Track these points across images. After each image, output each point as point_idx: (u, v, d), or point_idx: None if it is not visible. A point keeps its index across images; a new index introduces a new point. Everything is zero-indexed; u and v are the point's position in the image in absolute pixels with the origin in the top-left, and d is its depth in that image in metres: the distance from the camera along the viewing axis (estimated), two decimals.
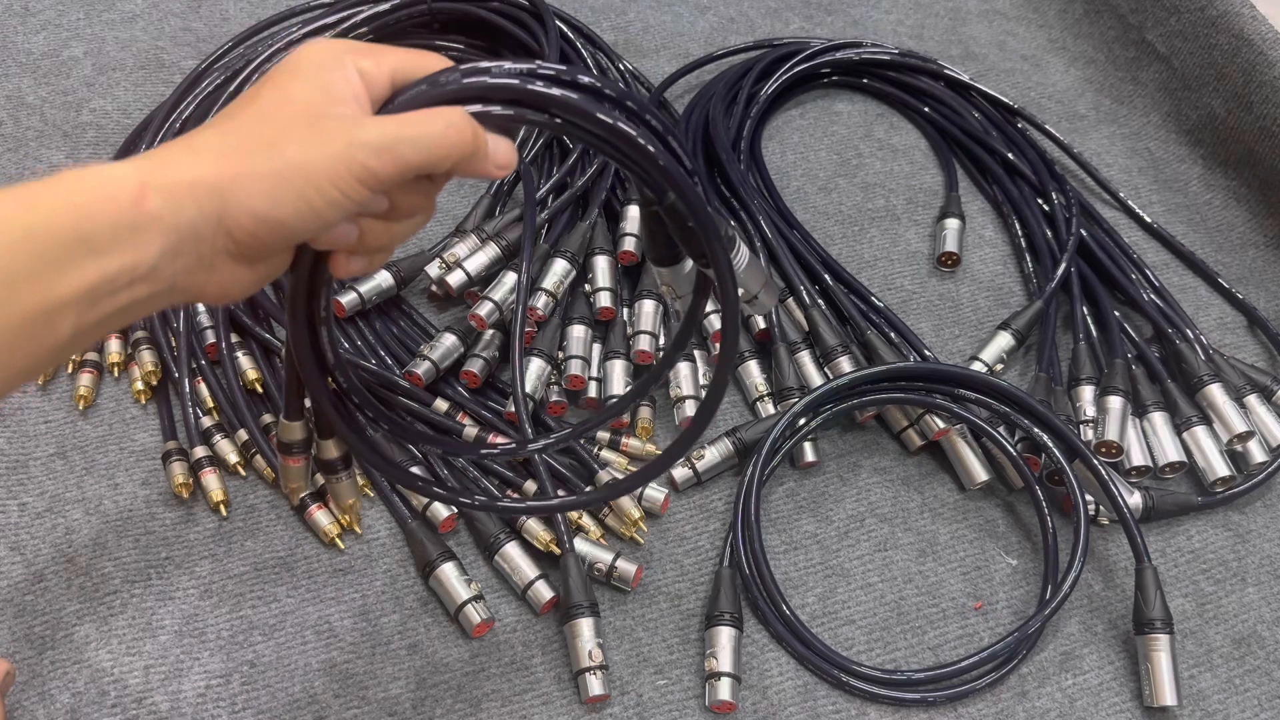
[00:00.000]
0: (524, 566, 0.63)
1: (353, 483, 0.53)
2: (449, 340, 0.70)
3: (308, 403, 0.49)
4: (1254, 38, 0.94)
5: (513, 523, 0.65)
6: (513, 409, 0.66)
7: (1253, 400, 0.76)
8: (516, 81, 0.39)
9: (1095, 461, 0.67)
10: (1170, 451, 0.72)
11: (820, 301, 0.78)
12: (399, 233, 0.41)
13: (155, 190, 0.33)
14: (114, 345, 0.70)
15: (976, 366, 0.77)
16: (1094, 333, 0.81)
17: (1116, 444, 0.71)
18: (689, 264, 0.49)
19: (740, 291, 0.47)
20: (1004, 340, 0.78)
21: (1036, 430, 0.69)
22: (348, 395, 0.48)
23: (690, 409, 0.70)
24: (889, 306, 0.80)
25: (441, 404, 0.69)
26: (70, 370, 0.69)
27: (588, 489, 0.67)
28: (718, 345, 0.75)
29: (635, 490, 0.65)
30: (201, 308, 0.72)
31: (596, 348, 0.73)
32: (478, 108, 0.38)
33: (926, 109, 0.99)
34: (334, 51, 0.38)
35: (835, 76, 1.02)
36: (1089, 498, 0.69)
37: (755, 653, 0.63)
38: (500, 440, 0.67)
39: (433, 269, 0.74)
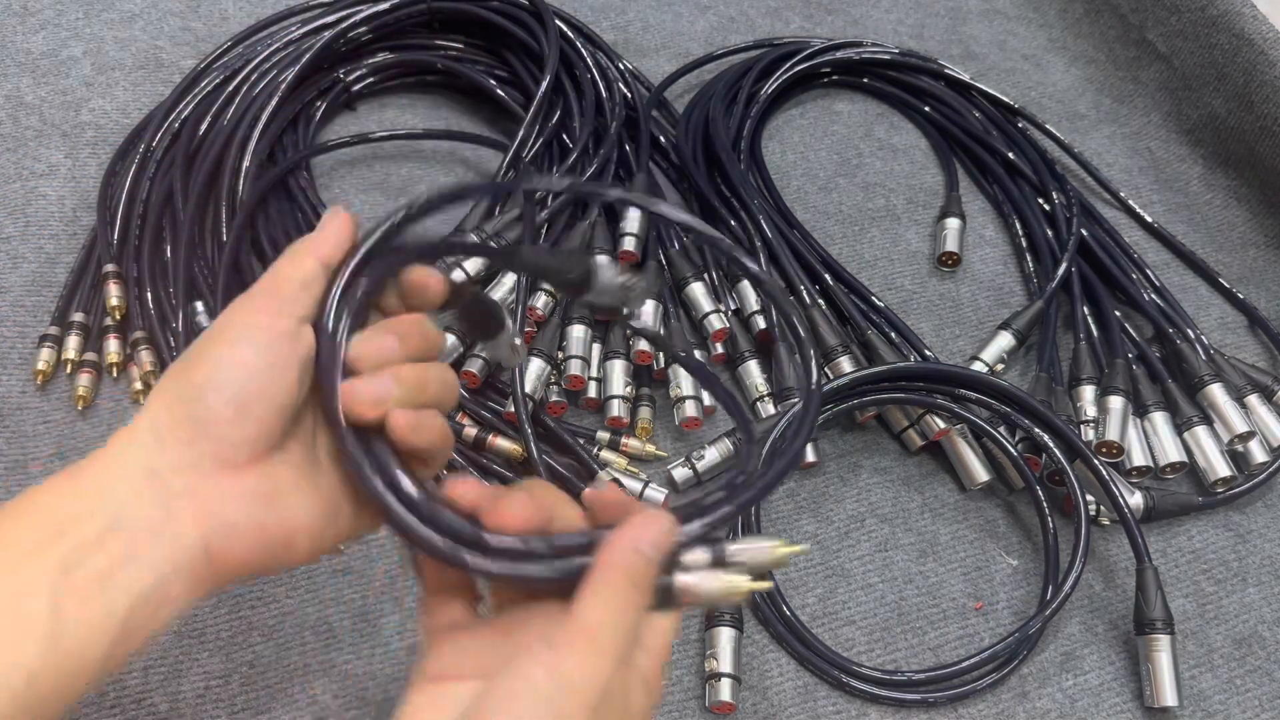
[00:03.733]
0: None
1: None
2: (449, 340, 0.70)
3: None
4: (1255, 37, 0.94)
5: None
6: (512, 409, 0.66)
7: (1253, 400, 0.76)
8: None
9: (1096, 462, 0.67)
10: (1171, 451, 0.72)
11: (820, 301, 0.78)
12: (432, 378, 0.39)
13: (84, 467, 0.35)
14: (113, 345, 0.70)
15: (977, 366, 0.77)
16: (1094, 332, 0.81)
17: (1117, 444, 0.71)
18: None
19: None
20: (1004, 340, 0.78)
21: (1037, 430, 0.68)
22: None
23: (690, 409, 0.70)
24: (889, 306, 0.80)
25: None
26: (69, 371, 0.69)
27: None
28: (719, 344, 0.75)
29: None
30: (200, 305, 0.71)
31: (596, 348, 0.73)
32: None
33: (927, 109, 0.99)
34: None
35: (835, 76, 1.02)
36: (1090, 498, 0.69)
37: (755, 653, 0.63)
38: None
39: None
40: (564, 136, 0.84)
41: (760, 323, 0.76)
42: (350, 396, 0.36)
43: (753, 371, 0.74)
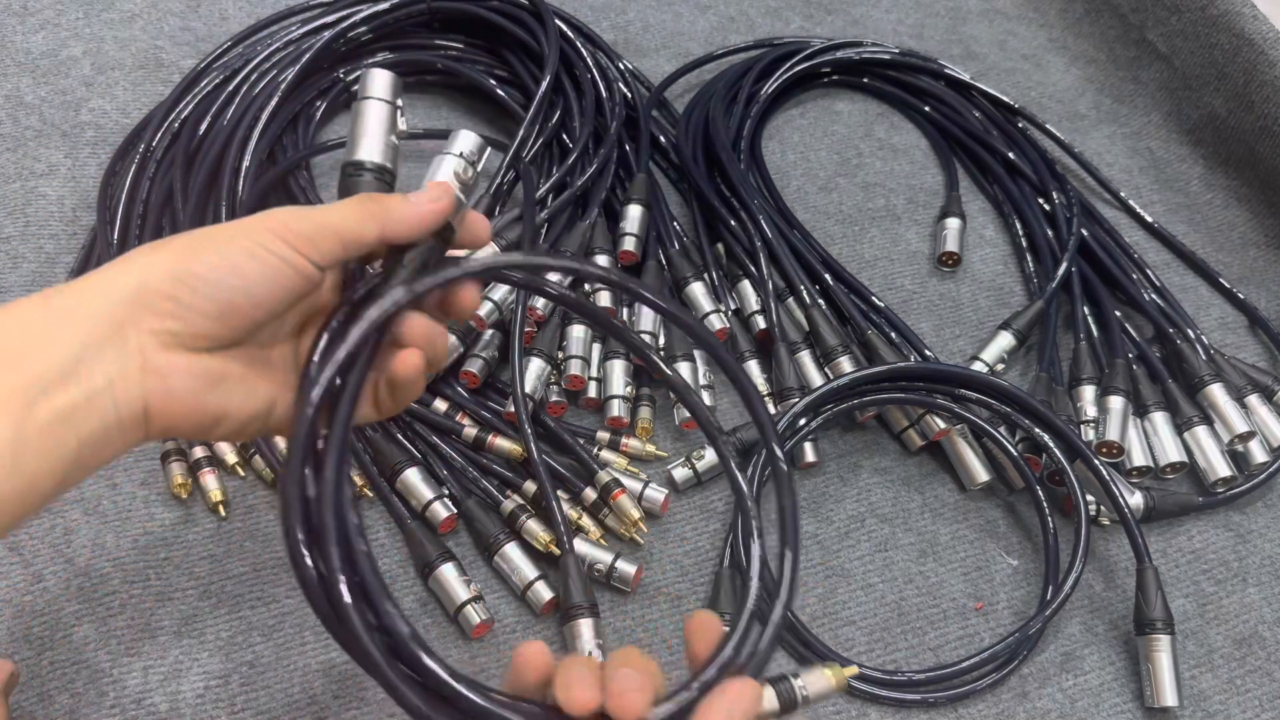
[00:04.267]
0: (524, 567, 0.63)
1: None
2: (449, 340, 0.70)
3: None
4: (1255, 37, 0.94)
5: (512, 523, 0.65)
6: (512, 409, 0.66)
7: (1254, 400, 0.76)
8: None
9: (1096, 462, 0.67)
10: (1171, 451, 0.72)
11: (820, 301, 0.78)
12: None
13: (59, 293, 0.35)
14: None
15: (977, 366, 0.77)
16: (1095, 332, 0.81)
17: (1117, 444, 0.71)
18: None
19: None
20: (1005, 340, 0.78)
21: (1037, 430, 0.68)
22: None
23: None
24: (889, 306, 0.80)
25: (441, 404, 0.69)
26: None
27: None
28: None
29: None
30: None
31: (596, 348, 0.73)
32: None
33: (927, 108, 0.99)
34: None
35: (835, 76, 1.02)
36: (1090, 498, 0.69)
37: None
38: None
39: None
40: (564, 136, 0.84)
41: (760, 323, 0.76)
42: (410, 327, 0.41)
43: (752, 371, 0.74)
